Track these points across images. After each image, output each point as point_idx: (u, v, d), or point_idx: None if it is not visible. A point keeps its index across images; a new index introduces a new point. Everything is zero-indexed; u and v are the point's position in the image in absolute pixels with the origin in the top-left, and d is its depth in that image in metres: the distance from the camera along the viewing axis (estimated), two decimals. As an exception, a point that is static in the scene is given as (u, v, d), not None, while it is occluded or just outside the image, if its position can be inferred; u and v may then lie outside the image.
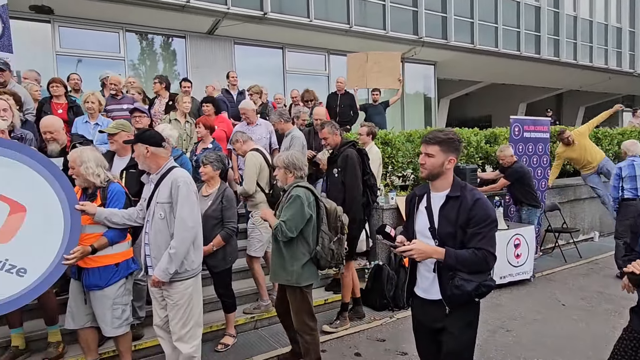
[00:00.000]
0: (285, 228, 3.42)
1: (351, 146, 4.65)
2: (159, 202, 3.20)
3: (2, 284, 2.94)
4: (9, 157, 3.05)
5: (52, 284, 3.18)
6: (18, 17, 8.30)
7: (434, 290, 2.46)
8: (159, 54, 10.81)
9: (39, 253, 3.08)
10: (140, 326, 4.27)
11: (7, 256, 2.98)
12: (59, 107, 5.73)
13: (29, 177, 3.09)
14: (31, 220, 3.07)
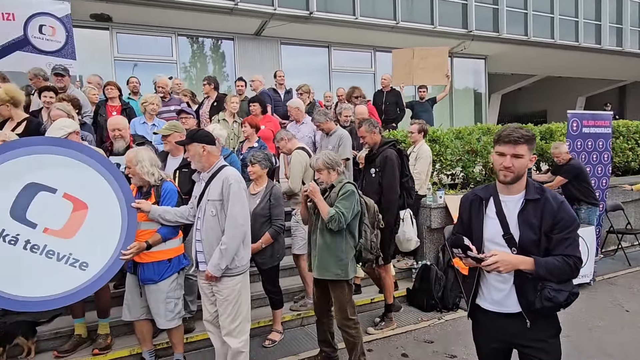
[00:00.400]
0: (342, 218, 3.47)
1: (391, 146, 4.55)
2: (210, 199, 3.29)
3: (66, 277, 3.16)
4: (73, 157, 3.26)
5: (110, 278, 3.37)
6: (80, 25, 8.81)
7: (509, 302, 2.22)
8: (208, 56, 11.13)
9: (99, 248, 3.27)
10: (192, 320, 4.43)
11: (71, 250, 3.19)
12: (113, 109, 6.03)
13: (90, 177, 3.28)
14: (92, 217, 3.26)
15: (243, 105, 6.83)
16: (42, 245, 3.13)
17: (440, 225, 6.00)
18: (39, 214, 3.14)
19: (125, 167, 3.67)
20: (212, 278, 3.27)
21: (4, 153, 3.11)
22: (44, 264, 3.12)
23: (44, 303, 3.16)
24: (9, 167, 3.10)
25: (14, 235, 3.07)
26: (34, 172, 3.15)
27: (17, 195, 3.10)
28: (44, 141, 3.33)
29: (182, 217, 3.51)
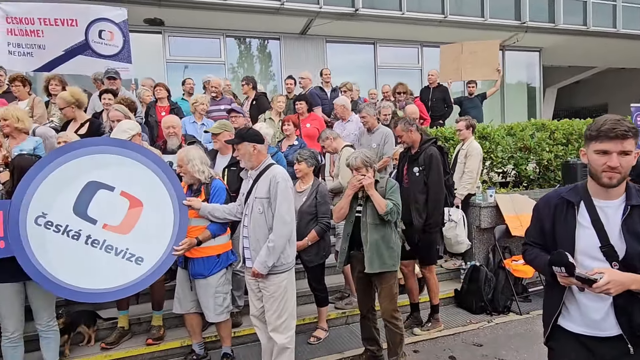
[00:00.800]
0: (399, 210, 3.62)
1: (433, 143, 4.44)
2: (257, 197, 3.35)
3: (123, 270, 3.33)
4: (130, 157, 3.43)
5: (164, 272, 3.52)
6: (135, 30, 9.21)
7: (607, 324, 1.90)
8: (255, 56, 11.33)
9: (153, 244, 3.42)
10: (239, 314, 4.53)
11: (127, 246, 3.36)
12: (162, 109, 6.27)
13: (145, 176, 3.44)
14: (147, 214, 3.42)
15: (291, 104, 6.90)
16: (102, 240, 3.31)
17: (490, 225, 5.80)
18: (99, 211, 3.33)
19: (177, 166, 3.81)
20: (259, 275, 3.33)
21: (68, 153, 3.32)
22: (103, 258, 3.30)
23: (103, 295, 3.35)
24: (72, 166, 3.30)
25: (77, 231, 3.27)
26: (94, 171, 3.34)
27: (79, 193, 3.30)
28: (103, 142, 3.53)
29: (230, 214, 3.60)
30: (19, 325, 3.49)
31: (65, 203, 3.26)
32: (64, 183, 3.28)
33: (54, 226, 3.23)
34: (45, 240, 3.21)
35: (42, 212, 3.22)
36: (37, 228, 3.20)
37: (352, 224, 3.75)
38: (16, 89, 5.75)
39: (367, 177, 3.58)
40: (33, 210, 3.20)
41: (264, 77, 11.32)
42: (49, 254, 3.21)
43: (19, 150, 4.08)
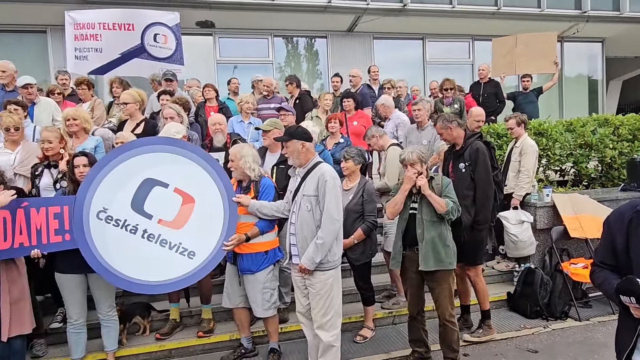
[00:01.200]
0: (458, 207, 3.62)
1: (478, 138, 4.26)
2: (305, 194, 3.37)
3: (176, 264, 3.48)
4: (183, 155, 3.57)
5: (215, 267, 3.63)
6: (186, 32, 9.52)
7: None
8: (302, 55, 11.40)
9: (205, 239, 3.54)
10: (286, 310, 4.58)
11: (180, 240, 3.50)
12: (211, 109, 6.44)
13: (197, 173, 3.57)
14: (199, 210, 3.55)
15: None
16: (157, 235, 3.47)
17: (546, 226, 5.52)
18: (154, 207, 3.49)
19: (228, 162, 3.90)
20: (306, 271, 3.35)
21: (126, 152, 3.51)
22: (158, 252, 3.46)
23: (158, 287, 3.53)
24: (130, 164, 3.49)
25: (134, 225, 3.45)
26: (150, 169, 3.51)
27: (136, 190, 3.48)
28: (158, 141, 3.70)
29: (278, 211, 3.64)
30: (82, 313, 3.73)
31: (124, 199, 3.45)
32: (123, 180, 3.46)
33: (113, 220, 3.43)
34: (105, 234, 3.41)
35: (103, 207, 3.42)
36: (98, 222, 3.41)
37: (406, 221, 3.70)
38: (82, 91, 6.11)
39: (421, 178, 3.55)
40: (95, 205, 3.41)
41: (311, 76, 11.38)
42: (109, 246, 3.41)
43: (82, 148, 4.34)
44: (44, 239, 3.37)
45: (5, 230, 3.26)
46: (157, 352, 4.22)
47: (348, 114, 6.36)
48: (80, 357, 3.81)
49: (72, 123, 4.45)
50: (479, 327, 4.45)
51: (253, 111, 5.97)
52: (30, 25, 9.30)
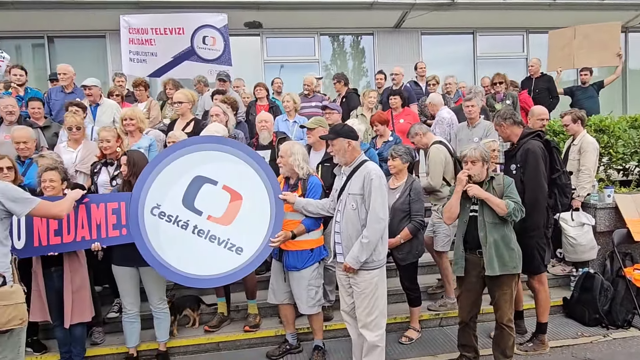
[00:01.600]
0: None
1: (535, 137, 3.93)
2: (350, 193, 3.35)
3: (225, 259, 3.57)
4: (231, 154, 3.66)
5: (261, 262, 3.70)
6: (235, 33, 9.72)
7: None
8: (348, 52, 11.35)
9: (252, 235, 3.61)
10: (331, 308, 4.58)
11: (229, 236, 3.59)
12: (262, 108, 6.54)
13: (244, 171, 3.65)
14: (246, 207, 3.63)
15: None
16: (207, 231, 3.59)
17: (608, 229, 5.19)
18: (204, 203, 3.61)
19: (273, 159, 3.95)
20: (350, 269, 3.33)
21: (178, 151, 3.65)
22: (207, 247, 3.57)
23: (207, 281, 3.65)
24: (182, 162, 3.63)
25: (185, 221, 3.58)
26: (200, 167, 3.63)
27: (187, 187, 3.61)
28: (208, 140, 3.82)
29: (323, 209, 3.64)
30: (135, 304, 3.91)
31: (176, 196, 3.59)
32: (175, 177, 3.61)
33: (166, 216, 3.58)
34: (159, 229, 3.57)
35: (157, 204, 3.58)
36: (152, 218, 3.57)
37: (466, 223, 3.56)
38: (139, 92, 6.40)
39: (470, 186, 3.41)
40: (149, 201, 3.58)
41: (357, 74, 11.31)
42: (161, 241, 3.56)
43: (137, 147, 4.55)
44: (103, 233, 3.57)
45: (69, 224, 3.49)
46: (206, 344, 4.35)
47: (394, 111, 6.26)
48: (134, 346, 4.01)
49: (129, 123, 4.67)
50: (530, 340, 4.19)
51: (292, 110, 5.97)
52: (90, 31, 9.83)
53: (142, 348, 4.14)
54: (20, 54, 9.97)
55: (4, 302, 2.64)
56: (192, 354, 4.30)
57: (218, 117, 4.82)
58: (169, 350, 4.16)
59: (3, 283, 2.70)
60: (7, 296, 2.68)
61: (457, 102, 6.92)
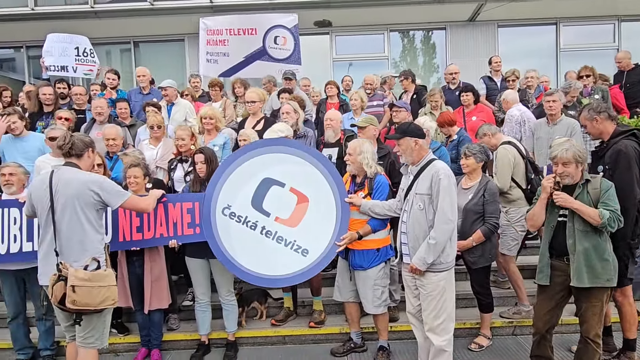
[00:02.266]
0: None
1: (629, 136, 3.51)
2: (418, 193, 3.27)
3: (291, 260, 3.67)
4: (298, 156, 3.75)
5: (327, 264, 3.74)
6: (304, 33, 9.86)
7: None
8: (418, 48, 11.09)
9: (317, 237, 3.67)
10: (396, 309, 4.50)
11: (295, 238, 3.68)
12: (332, 106, 6.57)
13: (311, 174, 3.72)
14: (312, 210, 3.70)
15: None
16: (274, 232, 3.70)
17: None
18: (272, 205, 3.73)
19: (340, 157, 3.95)
20: (416, 271, 3.26)
21: (247, 153, 3.79)
22: (274, 248, 3.68)
23: (274, 281, 3.78)
24: (251, 164, 3.76)
25: (254, 222, 3.72)
26: (268, 169, 3.75)
27: (256, 188, 3.74)
28: (276, 142, 3.91)
29: (390, 210, 3.59)
30: (206, 294, 4.12)
31: (245, 197, 3.73)
32: (245, 179, 3.75)
33: (236, 216, 3.73)
34: (229, 229, 3.73)
35: (228, 204, 3.75)
36: (223, 218, 3.74)
37: (553, 229, 3.26)
38: (214, 92, 6.71)
39: (558, 195, 3.11)
40: (221, 202, 3.75)
41: (428, 70, 11.01)
42: (232, 240, 3.72)
43: (212, 144, 4.79)
44: (179, 231, 3.80)
45: (149, 222, 3.77)
46: (273, 337, 4.46)
47: (466, 108, 6.02)
48: (206, 334, 4.22)
49: (208, 122, 4.93)
50: (617, 356, 3.81)
51: (358, 108, 5.91)
52: (171, 35, 10.48)
53: (213, 336, 4.34)
54: (110, 59, 10.87)
55: (99, 283, 2.91)
56: (259, 345, 4.44)
57: (289, 115, 4.91)
58: (237, 340, 4.32)
59: (98, 267, 2.98)
60: (102, 278, 2.95)
61: (539, 98, 6.49)
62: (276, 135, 4.20)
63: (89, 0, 9.34)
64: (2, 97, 6.22)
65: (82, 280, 2.85)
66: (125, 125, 5.54)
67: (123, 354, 4.37)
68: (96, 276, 2.92)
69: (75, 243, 2.96)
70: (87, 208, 2.97)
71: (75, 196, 2.94)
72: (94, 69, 7.63)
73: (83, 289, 2.84)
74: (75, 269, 2.88)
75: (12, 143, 4.95)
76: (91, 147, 3.18)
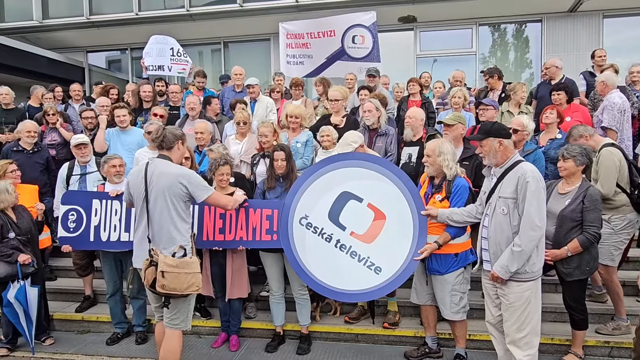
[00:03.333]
0: None
1: None
2: (501, 196, 3.08)
3: (363, 276, 3.64)
4: (378, 172, 3.70)
5: (401, 284, 3.66)
6: (387, 29, 9.74)
7: None
8: (510, 43, 10.43)
9: (392, 256, 3.61)
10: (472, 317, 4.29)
11: (369, 254, 3.65)
12: (414, 103, 6.40)
13: (389, 190, 3.66)
14: (389, 227, 3.64)
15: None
16: (348, 246, 3.70)
17: None
18: (348, 219, 3.72)
19: (420, 157, 3.83)
20: (498, 279, 3.08)
21: (328, 165, 3.81)
22: (347, 262, 3.68)
23: (344, 295, 3.76)
24: (331, 176, 3.79)
25: (329, 234, 3.74)
26: (347, 183, 3.75)
27: (334, 201, 3.76)
28: (356, 156, 3.90)
29: (470, 216, 3.42)
30: (280, 287, 4.25)
31: (323, 208, 3.77)
32: (323, 191, 3.79)
33: (312, 227, 3.79)
34: (305, 239, 3.80)
35: (305, 214, 3.82)
36: (300, 227, 3.81)
37: None
38: (297, 91, 6.88)
39: None
40: (299, 212, 3.83)
41: (519, 65, 10.33)
42: (306, 250, 3.79)
43: (295, 142, 4.94)
44: (257, 236, 3.96)
45: (231, 225, 3.97)
46: (346, 334, 4.47)
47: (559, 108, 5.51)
48: (280, 325, 4.36)
49: (294, 120, 5.07)
50: None
51: (459, 107, 5.64)
52: (257, 35, 10.90)
53: (287, 328, 4.46)
54: (202, 59, 11.58)
55: (185, 270, 3.12)
56: (332, 340, 4.47)
57: (370, 113, 4.87)
58: (311, 334, 4.39)
59: (184, 254, 3.19)
60: (188, 265, 3.15)
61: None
62: (350, 148, 4.13)
63: (185, 4, 10.02)
64: (109, 94, 6.88)
65: (170, 267, 3.07)
66: (214, 121, 5.86)
67: (205, 337, 4.64)
68: (183, 263, 3.12)
69: (165, 231, 3.18)
70: (176, 199, 3.18)
71: (167, 187, 3.15)
72: (187, 68, 8.19)
73: (171, 274, 3.06)
74: (165, 256, 3.11)
75: (117, 136, 5.51)
76: (181, 140, 3.38)
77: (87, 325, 4.89)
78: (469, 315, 3.89)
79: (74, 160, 4.99)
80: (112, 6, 10.59)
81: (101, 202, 4.13)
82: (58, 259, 5.77)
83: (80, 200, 4.15)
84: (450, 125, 4.21)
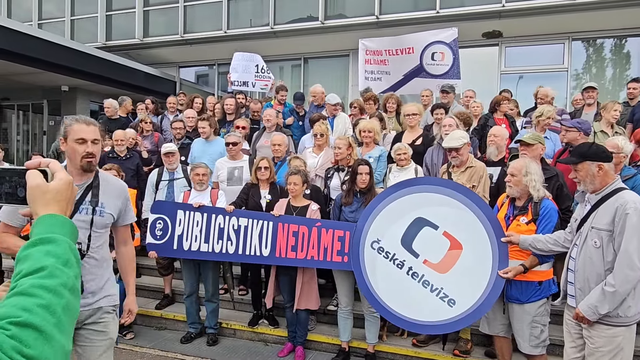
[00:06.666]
0: None
1: None
2: (594, 227, 2.78)
3: (435, 308, 3.48)
4: (455, 199, 3.53)
5: (477, 319, 3.47)
6: (470, 45, 9.46)
7: None
8: (607, 58, 9.66)
9: (467, 290, 3.42)
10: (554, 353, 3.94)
11: (442, 285, 3.48)
12: (500, 122, 6.11)
13: (467, 219, 3.46)
14: (465, 258, 3.45)
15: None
16: (421, 275, 3.54)
17: None
18: (422, 246, 3.57)
19: (501, 176, 3.63)
20: (584, 320, 2.77)
21: (404, 189, 3.70)
22: (419, 291, 3.53)
23: (414, 325, 3.61)
24: (406, 200, 3.67)
25: (401, 261, 3.62)
26: (423, 208, 3.61)
27: (407, 227, 3.63)
28: (434, 182, 3.81)
29: (556, 244, 3.11)
30: (349, 302, 4.22)
31: (396, 234, 3.65)
32: (397, 215, 3.68)
33: (384, 252, 3.69)
34: (375, 263, 3.71)
35: (377, 238, 3.73)
36: (371, 251, 3.73)
37: None
38: (369, 106, 6.88)
39: None
40: (371, 235, 3.75)
41: (617, 83, 9.52)
42: (376, 274, 3.70)
43: (368, 156, 4.91)
44: (328, 257, 3.96)
45: (303, 243, 4.02)
46: (413, 357, 4.32)
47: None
48: (346, 340, 4.31)
49: (367, 135, 5.07)
50: None
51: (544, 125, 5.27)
52: (337, 51, 11.10)
53: (353, 344, 4.40)
54: (283, 74, 12.03)
55: None
56: (398, 363, 4.34)
57: (451, 128, 4.73)
58: (376, 353, 4.30)
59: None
60: None
61: None
62: (457, 142, 4.01)
63: (270, 22, 10.50)
64: (193, 104, 7.40)
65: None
66: (290, 134, 6.03)
67: (271, 345, 4.72)
68: None
69: None
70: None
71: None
72: (269, 84, 8.52)
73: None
74: None
75: (202, 146, 5.86)
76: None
77: (165, 322, 5.20)
78: (549, 350, 3.58)
79: (163, 167, 5.37)
80: (203, 25, 11.42)
81: (185, 213, 4.35)
82: (143, 257, 6.21)
83: (167, 210, 4.42)
84: (529, 145, 3.96)
